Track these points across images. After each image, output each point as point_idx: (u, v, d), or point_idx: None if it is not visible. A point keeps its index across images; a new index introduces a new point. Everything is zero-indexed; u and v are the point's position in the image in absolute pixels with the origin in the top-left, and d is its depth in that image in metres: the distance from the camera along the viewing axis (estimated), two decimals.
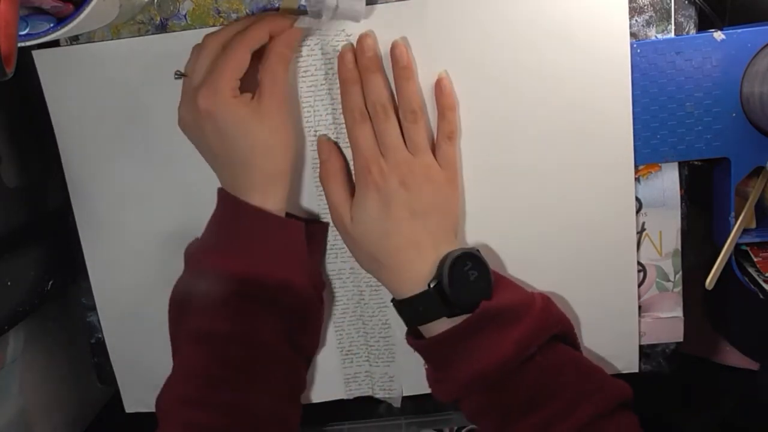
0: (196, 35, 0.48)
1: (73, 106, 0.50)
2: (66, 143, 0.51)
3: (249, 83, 0.44)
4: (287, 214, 0.48)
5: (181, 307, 0.46)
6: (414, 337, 0.47)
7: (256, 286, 0.44)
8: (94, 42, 0.49)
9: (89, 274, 0.53)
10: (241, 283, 0.44)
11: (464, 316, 0.43)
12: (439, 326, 0.44)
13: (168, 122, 0.48)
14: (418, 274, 0.44)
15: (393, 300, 0.47)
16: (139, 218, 0.51)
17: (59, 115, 0.50)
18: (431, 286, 0.44)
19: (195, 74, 0.44)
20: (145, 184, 0.51)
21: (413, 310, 0.45)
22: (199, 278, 0.45)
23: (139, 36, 0.48)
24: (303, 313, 0.47)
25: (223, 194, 0.46)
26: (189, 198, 0.51)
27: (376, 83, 0.46)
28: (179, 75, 0.45)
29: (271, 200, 0.45)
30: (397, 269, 0.45)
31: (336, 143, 0.49)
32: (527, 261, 0.50)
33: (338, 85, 0.47)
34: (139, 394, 0.55)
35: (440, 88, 0.47)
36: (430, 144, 0.47)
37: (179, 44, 0.48)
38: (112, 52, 0.49)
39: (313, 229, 0.49)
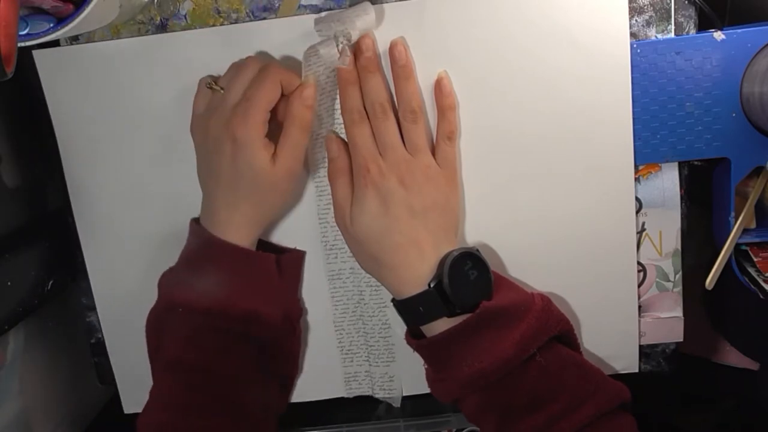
0: (196, 35, 0.48)
1: (73, 106, 0.50)
2: (66, 143, 0.51)
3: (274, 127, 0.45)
4: (261, 242, 0.49)
5: (154, 335, 0.47)
6: (414, 337, 0.47)
7: (222, 319, 0.45)
8: (94, 42, 0.49)
9: (89, 274, 0.53)
10: (207, 316, 0.45)
11: (464, 316, 0.43)
12: (439, 326, 0.44)
13: (168, 122, 0.48)
14: (418, 274, 0.44)
15: (393, 300, 0.47)
16: (139, 218, 0.51)
17: (59, 115, 0.50)
18: (431, 285, 0.44)
19: (232, 93, 0.44)
20: (144, 185, 0.51)
21: (413, 310, 0.45)
22: (168, 310, 0.46)
23: (139, 36, 0.48)
24: (273, 342, 0.48)
25: (194, 227, 0.47)
26: (189, 198, 0.50)
27: (375, 83, 0.46)
28: (211, 86, 0.45)
29: (243, 236, 0.46)
30: (397, 268, 0.45)
31: (345, 142, 0.48)
32: (527, 261, 0.50)
33: (338, 85, 0.47)
34: (138, 395, 0.54)
35: (440, 88, 0.47)
36: (429, 144, 0.47)
37: (179, 44, 0.48)
38: (112, 52, 0.49)
39: (289, 258, 0.50)
